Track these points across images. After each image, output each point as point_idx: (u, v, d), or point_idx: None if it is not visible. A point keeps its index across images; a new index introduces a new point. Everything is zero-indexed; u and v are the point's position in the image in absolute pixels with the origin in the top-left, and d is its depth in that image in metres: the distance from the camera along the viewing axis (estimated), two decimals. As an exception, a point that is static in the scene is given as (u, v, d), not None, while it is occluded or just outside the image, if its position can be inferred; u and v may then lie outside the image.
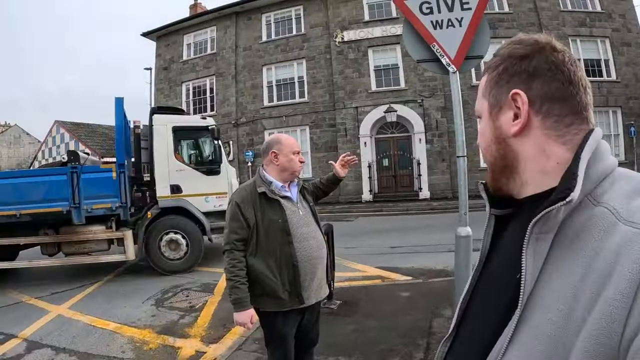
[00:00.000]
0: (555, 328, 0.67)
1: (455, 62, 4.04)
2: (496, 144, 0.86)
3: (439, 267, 7.40)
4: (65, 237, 8.08)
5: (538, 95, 0.79)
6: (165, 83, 25.16)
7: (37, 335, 5.35)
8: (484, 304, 0.89)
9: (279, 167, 2.76)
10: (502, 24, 18.97)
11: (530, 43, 0.82)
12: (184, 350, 4.69)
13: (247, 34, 22.89)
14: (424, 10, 4.10)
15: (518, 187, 0.85)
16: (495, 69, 0.86)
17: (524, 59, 0.81)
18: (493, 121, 0.87)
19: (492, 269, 0.91)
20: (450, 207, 15.78)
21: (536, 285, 0.72)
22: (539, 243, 0.73)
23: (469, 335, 0.91)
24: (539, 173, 0.80)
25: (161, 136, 8.54)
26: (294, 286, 2.64)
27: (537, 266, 0.73)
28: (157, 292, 6.96)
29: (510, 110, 0.83)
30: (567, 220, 0.72)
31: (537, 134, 0.80)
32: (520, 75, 0.81)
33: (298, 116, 21.46)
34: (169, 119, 8.86)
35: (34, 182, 7.81)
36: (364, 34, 20.55)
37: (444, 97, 19.23)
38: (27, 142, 53.09)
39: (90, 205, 7.81)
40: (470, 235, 4.08)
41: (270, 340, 2.83)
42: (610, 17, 19.49)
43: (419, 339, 4.40)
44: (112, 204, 7.93)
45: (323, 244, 2.83)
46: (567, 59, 0.80)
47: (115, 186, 7.95)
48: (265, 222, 2.64)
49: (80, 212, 7.69)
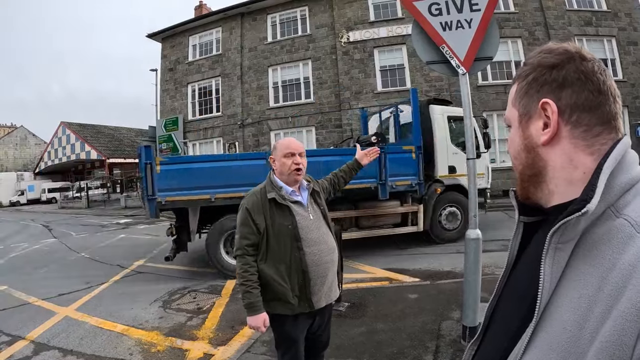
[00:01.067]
0: (569, 338, 0.67)
1: (464, 64, 4.02)
2: (525, 152, 0.86)
3: (446, 269, 7.38)
4: (368, 212, 8.98)
5: (568, 104, 0.79)
6: (171, 84, 25.21)
7: (45, 337, 5.35)
8: (506, 310, 0.90)
9: (277, 172, 2.76)
10: (508, 23, 18.92)
11: (560, 52, 0.82)
12: (192, 352, 4.67)
13: (253, 35, 22.91)
14: (433, 11, 4.08)
15: (546, 195, 0.84)
16: (525, 78, 0.86)
17: (554, 69, 0.81)
18: (523, 130, 0.87)
19: (516, 276, 0.92)
20: (457, 208, 15.72)
21: (553, 295, 0.73)
22: (558, 253, 0.74)
23: (493, 340, 0.92)
24: (565, 182, 0.80)
25: (439, 124, 9.62)
26: (304, 292, 2.64)
27: (556, 276, 0.73)
28: (165, 294, 6.96)
29: (540, 119, 0.83)
30: (588, 231, 0.72)
31: (566, 143, 0.80)
32: (550, 85, 0.81)
33: (304, 117, 21.45)
34: (443, 109, 9.92)
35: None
36: (369, 34, 20.53)
37: (450, 97, 19.15)
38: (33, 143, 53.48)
39: (394, 182, 8.64)
40: (480, 237, 4.06)
41: (281, 342, 2.82)
42: (617, 16, 19.39)
43: (428, 341, 4.38)
44: (412, 181, 8.89)
45: (334, 247, 2.81)
46: (596, 68, 0.80)
47: (414, 165, 8.89)
48: (275, 228, 2.63)
49: (385, 188, 8.49)
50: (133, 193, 32.72)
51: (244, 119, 22.62)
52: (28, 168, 50.14)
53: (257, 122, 22.37)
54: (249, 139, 22.56)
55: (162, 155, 22.48)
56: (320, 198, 2.90)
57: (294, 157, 2.69)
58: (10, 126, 55.22)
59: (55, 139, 44.02)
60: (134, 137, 46.39)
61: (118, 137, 45.51)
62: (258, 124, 22.35)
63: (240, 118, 22.65)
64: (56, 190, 42.92)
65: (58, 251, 12.23)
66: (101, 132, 44.67)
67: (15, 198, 43.53)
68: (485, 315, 0.98)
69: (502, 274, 0.97)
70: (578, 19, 19.44)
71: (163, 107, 25.59)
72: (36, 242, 14.37)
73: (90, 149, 40.02)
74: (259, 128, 22.34)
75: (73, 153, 41.73)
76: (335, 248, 2.83)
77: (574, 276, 0.71)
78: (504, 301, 0.93)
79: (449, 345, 4.26)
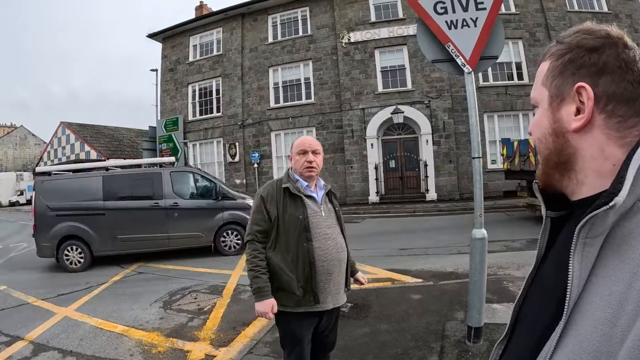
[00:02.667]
0: (600, 337, 0.64)
1: (470, 63, 3.98)
2: (553, 136, 0.82)
3: (448, 270, 7.33)
4: None
5: (605, 92, 0.74)
6: (171, 84, 25.21)
7: (44, 337, 5.30)
8: (534, 308, 0.87)
9: (293, 168, 2.85)
10: (509, 24, 18.89)
11: (602, 35, 0.77)
12: (193, 353, 4.62)
13: (253, 35, 22.90)
14: (438, 10, 4.04)
15: (573, 185, 0.81)
16: (560, 57, 0.81)
17: (594, 52, 0.76)
18: (553, 112, 0.82)
19: (544, 272, 0.88)
20: (458, 209, 15.73)
21: (583, 292, 0.70)
22: (587, 248, 0.70)
23: (520, 339, 0.89)
24: (594, 174, 0.76)
25: None
26: (309, 283, 2.65)
27: (585, 272, 0.70)
28: (165, 294, 6.91)
29: (572, 103, 0.78)
30: (618, 225, 0.69)
31: (598, 132, 0.75)
32: (588, 69, 0.76)
33: (304, 117, 21.43)
34: None
35: None
36: (370, 35, 20.51)
37: (451, 98, 19.18)
38: (33, 143, 53.39)
39: None
40: (486, 237, 4.03)
41: (286, 341, 2.82)
42: (617, 17, 19.38)
43: (433, 342, 4.34)
44: None
45: (343, 248, 2.80)
46: (638, 58, 0.75)
47: None
48: (286, 217, 2.69)
49: None
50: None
51: (244, 120, 22.60)
52: (28, 168, 50.05)
53: (258, 122, 22.35)
54: (249, 140, 22.54)
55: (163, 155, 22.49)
56: (337, 200, 2.95)
57: (306, 155, 2.76)
58: (10, 126, 55.10)
59: (55, 139, 43.97)
60: (134, 137, 46.36)
61: (118, 137, 45.48)
62: (258, 125, 22.33)
63: (241, 118, 22.63)
64: (56, 191, 42.73)
65: (58, 251, 12.12)
66: (101, 132, 44.62)
67: (15, 198, 43.44)
68: (512, 314, 0.94)
69: (530, 272, 0.93)
70: (579, 20, 19.27)
71: (163, 108, 25.59)
72: (36, 242, 14.28)
73: (90, 149, 39.98)
74: (259, 128, 22.32)
75: (73, 153, 41.67)
76: (345, 248, 2.83)
77: (604, 272, 0.68)
78: (532, 299, 0.89)
79: (454, 345, 4.21)
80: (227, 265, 8.85)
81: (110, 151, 40.88)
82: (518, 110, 19.09)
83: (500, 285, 5.96)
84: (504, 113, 19.26)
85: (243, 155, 22.51)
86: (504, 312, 4.90)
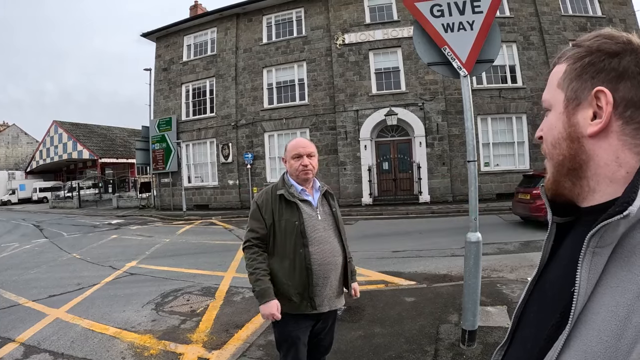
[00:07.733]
0: (605, 348, 0.63)
1: (466, 66, 3.98)
2: (568, 141, 0.80)
3: (442, 272, 7.34)
4: None
5: (624, 98, 0.73)
6: (164, 84, 25.10)
7: (35, 339, 5.24)
8: (537, 314, 0.85)
9: (288, 172, 2.84)
10: (503, 28, 18.96)
11: (623, 41, 0.76)
12: (185, 356, 4.58)
13: (248, 36, 22.86)
14: (435, 12, 4.05)
15: (584, 193, 0.79)
16: (579, 60, 0.79)
17: (614, 57, 0.75)
18: (568, 116, 0.80)
19: (548, 279, 0.87)
20: (451, 211, 15.74)
21: (589, 302, 0.68)
22: (595, 257, 0.69)
23: (522, 345, 0.87)
24: (607, 181, 0.75)
25: None
26: (306, 290, 2.65)
27: (592, 282, 0.69)
28: (157, 296, 6.86)
29: (590, 108, 0.76)
30: (627, 235, 0.67)
31: (614, 138, 0.74)
32: (608, 73, 0.75)
33: (298, 119, 21.41)
34: None
35: None
36: (365, 36, 20.53)
37: (444, 101, 19.23)
38: (25, 141, 53.02)
39: None
40: (480, 240, 4.02)
41: (282, 342, 2.81)
42: (611, 21, 19.51)
43: (427, 345, 4.33)
44: None
45: (339, 251, 2.79)
46: None
47: None
48: (282, 223, 2.69)
49: None
50: (125, 193, 32.53)
51: (237, 120, 22.54)
52: (19, 167, 49.71)
53: (251, 123, 22.30)
54: (242, 140, 22.49)
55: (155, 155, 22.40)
56: (334, 200, 2.94)
57: (301, 159, 2.74)
58: (2, 124, 54.65)
59: (47, 138, 43.73)
60: (126, 137, 46.21)
61: (110, 136, 45.31)
62: (252, 125, 22.29)
63: (234, 119, 22.57)
64: (48, 190, 42.52)
65: (49, 251, 12.07)
66: (94, 131, 44.43)
67: (7, 197, 43.14)
68: (513, 319, 0.93)
69: (533, 275, 0.92)
70: (573, 24, 19.57)
71: (157, 107, 25.48)
72: (27, 242, 14.20)
73: (82, 148, 39.81)
74: (252, 129, 22.27)
75: (65, 152, 41.48)
76: (340, 251, 2.81)
77: (612, 282, 0.67)
78: (534, 305, 0.88)
79: (448, 348, 4.21)
80: (220, 267, 8.81)
81: (102, 150, 40.75)
82: (511, 113, 19.17)
83: (494, 288, 5.97)
84: (497, 116, 19.33)
85: (236, 156, 22.46)
86: (498, 315, 4.91)
